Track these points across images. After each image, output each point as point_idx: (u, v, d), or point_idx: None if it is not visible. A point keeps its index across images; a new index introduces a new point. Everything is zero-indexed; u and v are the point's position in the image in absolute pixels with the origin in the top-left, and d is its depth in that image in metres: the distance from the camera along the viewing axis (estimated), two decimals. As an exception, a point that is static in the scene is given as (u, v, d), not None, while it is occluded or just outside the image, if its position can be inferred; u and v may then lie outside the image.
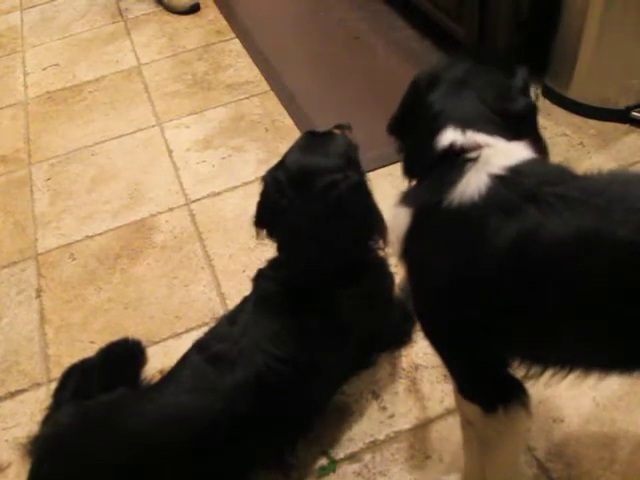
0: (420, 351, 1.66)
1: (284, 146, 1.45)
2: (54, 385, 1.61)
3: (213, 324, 1.62)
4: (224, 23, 3.14)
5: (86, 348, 1.79)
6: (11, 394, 1.75)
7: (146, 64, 2.97)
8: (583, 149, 2.16)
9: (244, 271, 1.94)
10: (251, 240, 1.44)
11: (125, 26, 3.27)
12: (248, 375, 1.33)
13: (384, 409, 1.57)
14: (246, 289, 1.57)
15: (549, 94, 2.36)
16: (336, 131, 1.46)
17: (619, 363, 1.04)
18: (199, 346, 1.45)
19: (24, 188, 2.42)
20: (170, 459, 1.29)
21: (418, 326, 1.68)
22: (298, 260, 1.40)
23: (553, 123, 2.27)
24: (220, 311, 1.84)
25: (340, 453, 1.50)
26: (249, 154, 2.38)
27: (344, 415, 1.57)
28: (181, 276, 1.99)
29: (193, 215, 2.19)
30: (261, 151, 2.38)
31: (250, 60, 2.86)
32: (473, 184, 1.01)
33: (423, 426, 1.53)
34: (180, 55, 2.99)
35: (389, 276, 1.56)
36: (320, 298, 1.42)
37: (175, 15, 3.26)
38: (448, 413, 1.53)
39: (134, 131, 2.59)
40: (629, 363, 1.04)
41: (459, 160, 1.04)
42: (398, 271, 1.29)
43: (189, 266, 2.01)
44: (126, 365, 1.56)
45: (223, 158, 2.39)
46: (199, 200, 2.24)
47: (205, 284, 1.95)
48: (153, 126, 2.60)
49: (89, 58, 3.07)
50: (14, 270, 2.10)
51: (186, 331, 1.82)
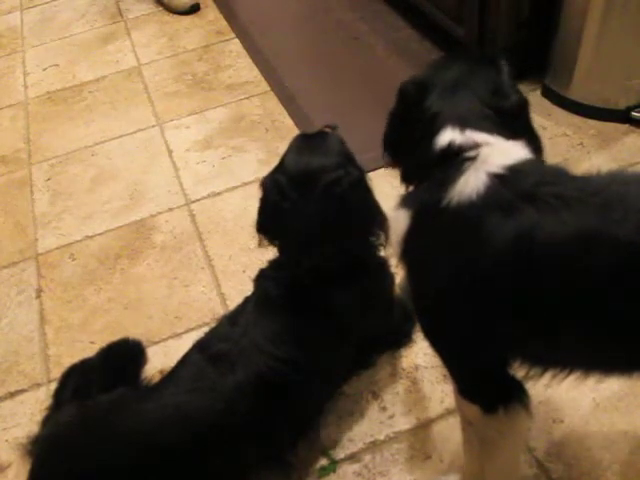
0: (420, 351, 1.66)
1: (284, 146, 1.45)
2: (54, 385, 1.60)
3: (213, 324, 1.62)
4: (224, 23, 3.14)
5: (86, 348, 1.79)
6: (11, 394, 1.75)
7: (146, 64, 2.97)
8: (583, 149, 2.16)
9: (244, 271, 1.94)
10: (251, 240, 1.45)
11: (125, 26, 3.27)
12: (249, 375, 1.33)
13: (384, 409, 1.57)
14: (246, 289, 1.57)
15: (549, 94, 2.36)
16: (326, 130, 1.46)
17: (619, 364, 1.04)
18: (200, 346, 1.45)
19: (24, 188, 2.42)
20: (170, 459, 1.29)
21: (418, 326, 1.68)
22: (300, 261, 1.40)
23: (553, 123, 2.27)
24: (220, 311, 1.83)
25: (340, 453, 1.51)
26: (249, 154, 2.38)
27: (344, 415, 1.57)
28: (181, 276, 1.99)
29: (193, 215, 2.19)
30: (261, 151, 2.38)
31: (250, 60, 2.86)
32: (472, 183, 1.01)
33: (423, 426, 1.53)
34: (180, 55, 2.99)
35: (389, 276, 1.56)
36: (320, 298, 1.42)
37: (175, 15, 3.26)
38: (448, 413, 1.53)
39: (134, 131, 2.59)
40: (629, 364, 1.04)
41: (458, 159, 1.04)
42: (398, 271, 1.29)
43: (189, 266, 2.01)
44: (126, 365, 1.56)
45: (223, 158, 2.39)
46: (199, 200, 2.24)
47: (205, 284, 1.95)
48: (153, 126, 2.61)
49: (89, 58, 3.07)
50: (14, 270, 2.10)
51: (186, 331, 1.82)
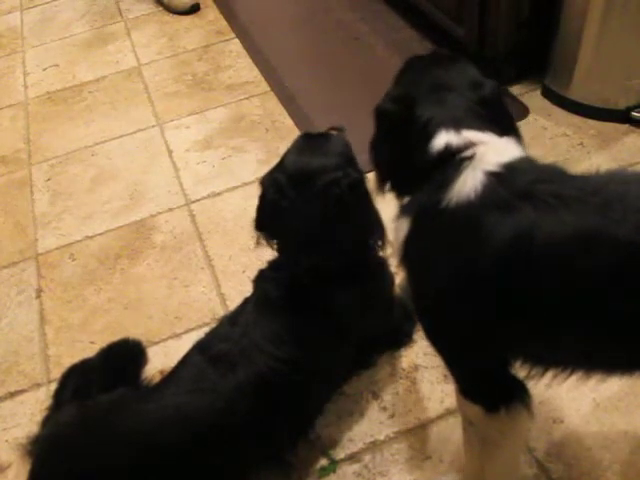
0: (420, 351, 1.66)
1: (284, 146, 1.45)
2: (54, 385, 1.60)
3: (213, 324, 1.62)
4: (224, 23, 3.14)
5: (86, 348, 1.79)
6: (11, 394, 1.75)
7: (146, 64, 2.97)
8: (583, 149, 2.16)
9: (244, 272, 1.94)
10: (251, 241, 1.44)
11: (125, 26, 3.27)
12: (249, 375, 1.33)
13: (384, 409, 1.57)
14: (246, 290, 1.57)
15: (549, 94, 2.36)
16: (332, 132, 1.46)
17: (619, 364, 1.04)
18: (200, 347, 1.45)
19: (24, 188, 2.42)
20: (170, 459, 1.29)
21: (418, 326, 1.68)
22: (299, 260, 1.40)
23: (553, 123, 2.27)
24: (220, 312, 1.84)
25: (340, 453, 1.50)
26: (249, 154, 2.38)
27: (344, 415, 1.57)
28: (181, 276, 1.99)
29: (193, 215, 2.19)
30: (261, 151, 2.38)
31: (250, 60, 2.86)
32: (470, 182, 1.01)
33: (423, 426, 1.53)
34: (180, 55, 2.99)
35: (389, 276, 1.56)
36: (320, 298, 1.42)
37: (175, 15, 3.26)
38: (448, 413, 1.53)
39: (134, 131, 2.59)
40: (629, 363, 1.04)
41: (455, 160, 1.04)
42: (398, 271, 1.29)
43: (189, 266, 2.01)
44: (126, 365, 1.56)
45: (223, 158, 2.39)
46: (199, 200, 2.24)
47: (205, 285, 1.95)
48: (153, 126, 2.61)
49: (89, 58, 3.07)
50: (14, 270, 2.10)
51: (186, 331, 1.82)
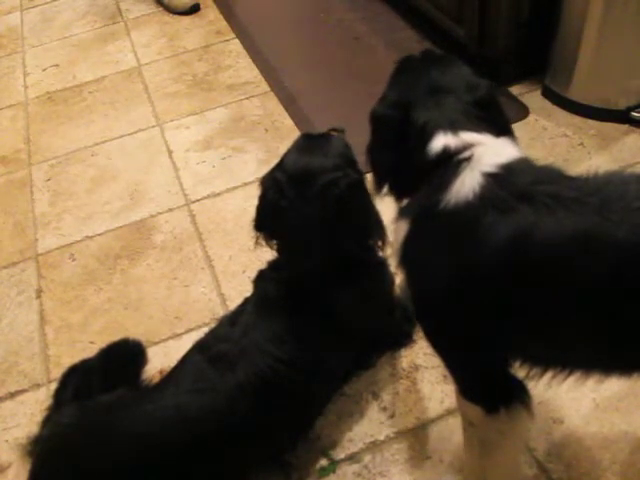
0: (420, 352, 1.66)
1: (284, 146, 1.45)
2: (54, 386, 1.60)
3: (213, 325, 1.62)
4: (224, 24, 3.14)
5: (86, 349, 1.79)
6: (11, 395, 1.75)
7: (146, 64, 2.97)
8: (583, 149, 2.16)
9: (244, 272, 1.94)
10: (251, 241, 1.44)
11: (125, 26, 3.27)
12: (249, 375, 1.33)
13: (384, 409, 1.57)
14: (246, 290, 1.57)
15: (549, 94, 2.36)
16: (332, 133, 1.47)
17: (618, 364, 1.04)
18: (200, 347, 1.45)
19: (24, 189, 2.42)
20: (170, 459, 1.29)
21: (418, 326, 1.68)
22: (299, 260, 1.40)
23: (553, 124, 2.27)
24: (220, 312, 1.84)
25: (340, 454, 1.50)
26: (249, 154, 2.38)
27: (344, 416, 1.57)
28: (181, 277, 1.99)
29: (193, 216, 2.19)
30: (261, 151, 2.38)
31: (250, 60, 2.86)
32: (468, 183, 1.01)
33: (423, 427, 1.52)
34: (180, 56, 2.99)
35: (389, 276, 1.56)
36: (320, 299, 1.42)
37: (175, 16, 3.26)
38: (448, 414, 1.53)
39: (134, 131, 2.59)
40: (628, 364, 1.04)
41: (453, 162, 1.04)
42: (398, 271, 1.28)
43: (189, 267, 2.01)
44: (126, 366, 1.56)
45: (223, 158, 2.39)
46: (199, 201, 2.24)
47: (205, 285, 1.95)
48: (153, 127, 2.61)
49: (89, 59, 3.07)
50: (14, 271, 2.10)
51: (186, 332, 1.82)
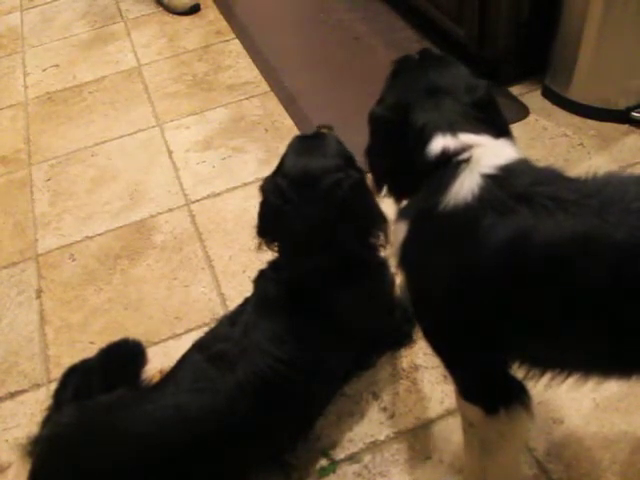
0: (420, 352, 1.66)
1: (284, 146, 1.45)
2: (54, 386, 1.60)
3: (213, 325, 1.62)
4: (224, 24, 3.14)
5: (86, 349, 1.79)
6: (11, 395, 1.75)
7: (146, 65, 2.97)
8: (583, 149, 2.16)
9: (244, 272, 1.94)
10: (251, 241, 1.44)
11: (125, 27, 3.27)
12: (249, 375, 1.33)
13: (384, 410, 1.57)
14: (246, 290, 1.57)
15: (549, 95, 2.36)
16: (323, 131, 1.46)
17: (617, 366, 1.04)
18: (199, 346, 1.45)
19: (24, 189, 2.42)
20: (170, 459, 1.29)
21: (418, 326, 1.68)
22: (301, 262, 1.39)
23: (553, 124, 2.27)
24: (220, 312, 1.83)
25: (340, 454, 1.50)
26: (249, 155, 2.38)
27: (344, 416, 1.57)
28: (181, 277, 1.99)
29: (193, 216, 2.19)
30: (261, 152, 2.38)
31: (250, 61, 2.86)
32: (466, 185, 1.01)
33: (423, 427, 1.52)
34: (180, 56, 2.99)
35: (389, 276, 1.56)
36: (321, 299, 1.42)
37: (175, 16, 3.26)
38: (448, 414, 1.53)
39: (134, 132, 2.59)
40: (627, 365, 1.04)
41: (452, 164, 1.04)
42: (398, 271, 1.29)
43: (189, 267, 2.01)
44: (126, 366, 1.55)
45: (223, 159, 2.39)
46: (199, 201, 2.24)
47: (205, 285, 1.95)
48: (153, 127, 2.61)
49: (89, 59, 3.07)
50: (14, 271, 2.10)
51: (186, 332, 1.82)
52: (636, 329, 0.94)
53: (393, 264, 1.37)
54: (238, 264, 1.98)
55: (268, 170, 1.43)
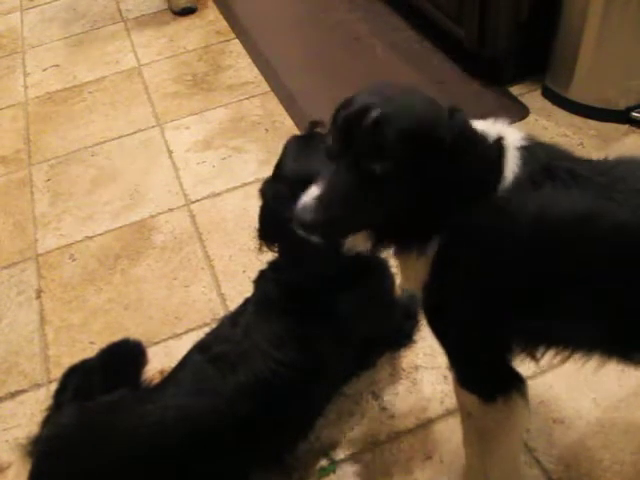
0: (420, 352, 1.66)
1: (284, 147, 1.45)
2: (54, 386, 1.61)
3: (213, 325, 1.62)
4: (224, 24, 3.14)
5: (86, 349, 1.79)
6: (11, 395, 1.75)
7: (146, 65, 2.97)
8: (583, 150, 2.16)
9: (244, 272, 1.94)
10: (251, 241, 1.44)
11: (125, 27, 3.27)
12: (249, 377, 1.33)
13: (384, 410, 1.57)
14: (246, 290, 1.57)
15: (549, 95, 2.36)
16: (318, 130, 1.45)
17: (616, 345, 1.06)
18: (200, 347, 1.45)
19: (24, 189, 2.42)
20: (171, 460, 1.29)
21: (418, 327, 1.68)
22: (301, 264, 1.39)
23: (553, 124, 2.27)
24: (220, 312, 1.84)
25: (340, 454, 1.51)
26: (249, 155, 2.38)
27: (344, 416, 1.57)
28: (181, 277, 1.99)
29: (193, 216, 2.19)
30: (261, 152, 2.38)
31: (250, 61, 2.86)
32: (512, 162, 1.00)
33: (423, 427, 1.53)
34: (180, 56, 2.99)
35: (390, 277, 1.56)
36: (321, 300, 1.42)
37: (175, 16, 3.26)
38: (448, 414, 1.53)
39: (134, 132, 2.59)
40: (625, 346, 1.06)
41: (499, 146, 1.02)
42: (398, 272, 1.28)
43: (189, 267, 2.01)
44: (127, 366, 1.56)
45: (223, 159, 2.39)
46: (199, 201, 2.24)
47: (205, 285, 1.95)
48: (153, 127, 2.61)
49: (89, 59, 3.07)
50: (14, 271, 2.10)
51: (186, 332, 1.82)
52: (635, 309, 0.96)
53: (394, 264, 1.37)
54: (238, 264, 1.98)
55: (268, 170, 1.43)
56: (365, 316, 1.48)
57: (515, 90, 2.43)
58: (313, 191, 0.97)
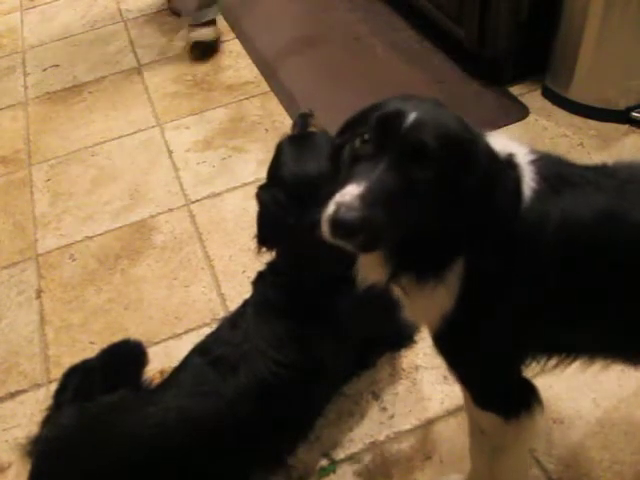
0: (420, 352, 1.66)
1: (284, 147, 1.45)
2: (54, 386, 1.61)
3: (213, 325, 1.62)
4: (224, 24, 3.13)
5: (86, 349, 1.79)
6: (11, 395, 1.75)
7: (146, 65, 2.96)
8: (583, 150, 2.16)
9: (244, 272, 1.94)
10: (251, 241, 1.44)
11: (125, 27, 3.26)
12: (250, 379, 1.33)
13: (384, 410, 1.57)
14: (246, 290, 1.57)
15: (549, 95, 2.36)
16: (313, 129, 1.43)
17: (625, 347, 1.07)
18: (201, 349, 1.45)
19: (24, 189, 2.42)
20: (171, 461, 1.29)
21: (419, 328, 1.68)
22: (302, 268, 1.39)
23: (553, 124, 2.27)
24: (220, 312, 1.84)
25: (340, 454, 1.51)
26: (249, 155, 2.38)
27: (344, 416, 1.57)
28: (181, 277, 1.99)
29: (193, 216, 2.19)
30: (261, 152, 2.38)
31: (250, 61, 2.86)
32: (528, 179, 0.99)
33: (423, 427, 1.53)
34: (180, 56, 2.98)
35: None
36: (321, 301, 1.41)
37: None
38: (448, 414, 1.53)
39: (134, 132, 2.59)
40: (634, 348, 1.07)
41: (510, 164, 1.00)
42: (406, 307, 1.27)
43: (189, 267, 2.01)
44: (127, 366, 1.56)
45: (223, 159, 2.39)
46: (199, 201, 2.24)
47: (205, 285, 1.95)
48: (153, 127, 2.60)
49: (89, 59, 3.07)
50: (14, 271, 2.10)
51: (186, 332, 1.82)
52: None
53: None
54: (238, 264, 1.98)
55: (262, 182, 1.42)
56: (365, 317, 1.47)
57: (515, 90, 2.43)
58: (353, 189, 0.86)
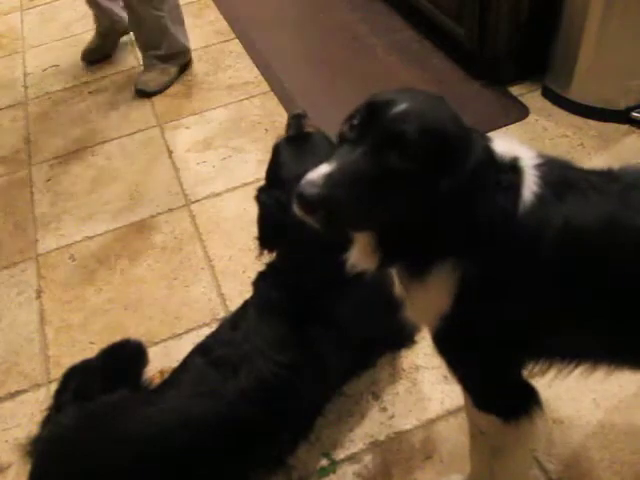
0: (420, 352, 1.66)
1: (284, 147, 1.45)
2: (54, 386, 1.61)
3: (213, 325, 1.62)
4: (224, 24, 3.14)
5: (86, 349, 1.79)
6: (11, 395, 1.75)
7: (146, 65, 2.96)
8: (583, 150, 2.16)
9: (244, 272, 1.94)
10: (251, 241, 1.44)
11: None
12: (250, 380, 1.33)
13: (384, 410, 1.57)
14: (246, 290, 1.57)
15: (549, 95, 2.36)
16: (310, 129, 1.43)
17: (631, 354, 1.07)
18: (201, 350, 1.45)
19: (24, 189, 2.42)
20: (171, 462, 1.29)
21: (419, 329, 1.68)
22: (303, 268, 1.39)
23: (553, 124, 2.27)
24: (220, 312, 1.84)
25: (340, 454, 1.50)
26: (249, 155, 2.38)
27: (344, 416, 1.57)
28: (181, 277, 1.99)
29: (193, 216, 2.19)
30: (261, 152, 2.37)
31: (250, 61, 2.86)
32: (530, 179, 0.99)
33: (423, 427, 1.53)
34: (180, 56, 2.98)
35: (390, 278, 1.56)
36: (321, 303, 1.41)
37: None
38: (448, 414, 1.53)
39: (134, 132, 2.59)
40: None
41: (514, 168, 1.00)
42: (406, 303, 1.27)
43: (189, 267, 2.01)
44: (127, 366, 1.55)
45: (223, 159, 2.39)
46: (199, 201, 2.24)
47: (205, 285, 1.95)
48: (153, 127, 2.61)
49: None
50: (14, 271, 2.10)
51: (186, 332, 1.82)
52: None
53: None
54: (238, 264, 1.98)
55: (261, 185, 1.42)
56: (365, 317, 1.47)
57: (515, 90, 2.43)
58: (323, 168, 0.90)
